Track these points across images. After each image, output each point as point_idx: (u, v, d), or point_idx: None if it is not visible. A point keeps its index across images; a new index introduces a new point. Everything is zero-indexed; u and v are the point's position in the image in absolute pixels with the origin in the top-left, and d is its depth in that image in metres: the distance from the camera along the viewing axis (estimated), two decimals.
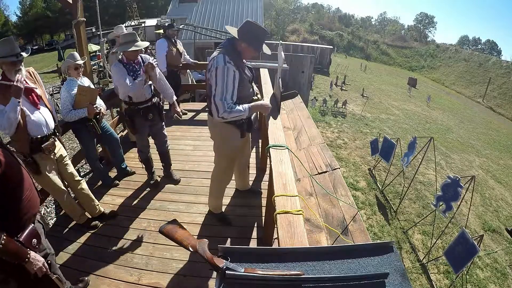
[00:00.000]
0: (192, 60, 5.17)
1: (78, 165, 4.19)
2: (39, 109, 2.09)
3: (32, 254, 1.34)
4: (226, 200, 2.87)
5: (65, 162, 2.37)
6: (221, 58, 1.90)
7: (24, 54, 1.96)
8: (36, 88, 2.10)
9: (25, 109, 1.97)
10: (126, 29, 4.05)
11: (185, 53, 5.00)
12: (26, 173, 1.45)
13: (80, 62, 2.69)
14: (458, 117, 17.25)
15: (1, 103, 1.85)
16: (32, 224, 1.41)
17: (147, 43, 2.83)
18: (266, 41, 2.07)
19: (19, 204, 1.34)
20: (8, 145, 1.66)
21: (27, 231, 1.36)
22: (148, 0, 46.02)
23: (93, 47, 17.05)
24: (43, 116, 2.10)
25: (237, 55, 1.98)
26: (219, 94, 1.89)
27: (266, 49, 2.03)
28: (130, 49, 2.58)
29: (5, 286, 1.37)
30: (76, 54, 2.74)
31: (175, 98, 2.93)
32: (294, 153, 2.14)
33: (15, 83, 1.80)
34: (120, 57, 2.80)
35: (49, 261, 1.53)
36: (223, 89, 1.88)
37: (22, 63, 1.97)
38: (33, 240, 1.39)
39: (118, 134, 3.46)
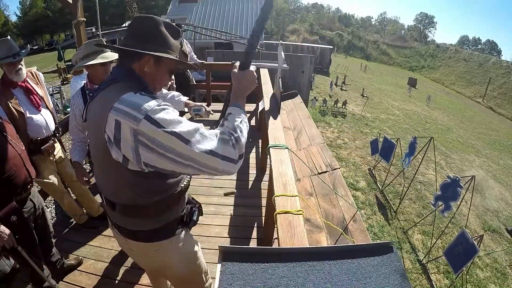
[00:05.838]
0: (199, 61, 5.08)
1: None
2: (40, 111, 2.08)
3: (1, 227, 1.40)
4: (226, 200, 2.87)
5: (64, 163, 2.37)
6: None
7: (22, 52, 1.95)
8: (38, 89, 2.11)
9: (26, 110, 1.96)
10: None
11: (192, 53, 4.88)
12: (13, 150, 1.51)
13: None
14: (458, 117, 17.26)
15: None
16: (14, 202, 1.49)
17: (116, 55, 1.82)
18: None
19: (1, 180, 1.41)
20: None
21: (6, 208, 1.45)
22: (148, 0, 46.04)
23: None
24: (44, 118, 2.10)
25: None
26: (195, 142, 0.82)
27: None
28: (92, 62, 1.80)
29: None
30: None
31: (184, 98, 1.86)
32: (294, 153, 2.15)
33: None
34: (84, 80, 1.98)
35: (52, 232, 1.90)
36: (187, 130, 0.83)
37: (23, 64, 1.97)
38: (12, 217, 1.46)
39: None
